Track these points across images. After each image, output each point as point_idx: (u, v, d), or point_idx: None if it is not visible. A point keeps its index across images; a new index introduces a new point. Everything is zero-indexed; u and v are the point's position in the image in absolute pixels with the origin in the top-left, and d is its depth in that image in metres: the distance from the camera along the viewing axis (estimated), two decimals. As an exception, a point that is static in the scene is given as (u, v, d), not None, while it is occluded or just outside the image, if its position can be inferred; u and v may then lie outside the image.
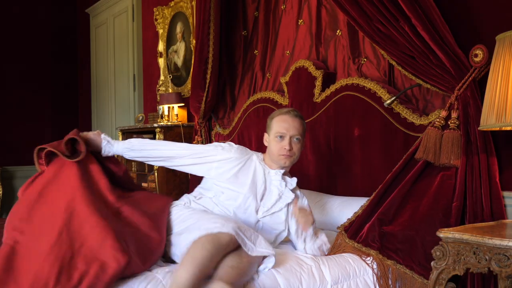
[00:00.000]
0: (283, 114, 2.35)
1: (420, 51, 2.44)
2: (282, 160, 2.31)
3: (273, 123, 2.35)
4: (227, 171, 2.31)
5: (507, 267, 1.76)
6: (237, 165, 2.32)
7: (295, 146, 2.31)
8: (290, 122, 2.31)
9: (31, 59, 7.06)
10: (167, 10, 5.07)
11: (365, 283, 2.22)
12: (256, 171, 2.34)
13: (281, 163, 2.33)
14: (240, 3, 4.07)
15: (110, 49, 6.39)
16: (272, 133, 2.34)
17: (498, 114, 1.88)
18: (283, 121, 2.32)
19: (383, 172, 2.80)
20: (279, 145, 2.30)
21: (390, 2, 2.48)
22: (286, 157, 2.30)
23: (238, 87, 4.12)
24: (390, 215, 2.37)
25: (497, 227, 2.02)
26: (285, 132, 2.29)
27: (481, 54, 2.26)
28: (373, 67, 3.00)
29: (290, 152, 2.29)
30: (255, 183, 2.32)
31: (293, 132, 2.30)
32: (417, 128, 2.63)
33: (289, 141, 2.28)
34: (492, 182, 2.28)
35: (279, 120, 2.33)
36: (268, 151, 2.38)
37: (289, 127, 2.30)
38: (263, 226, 2.34)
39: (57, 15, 7.29)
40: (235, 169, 2.31)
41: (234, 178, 2.31)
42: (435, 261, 1.99)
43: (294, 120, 2.32)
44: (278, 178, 2.35)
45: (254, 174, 2.33)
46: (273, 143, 2.33)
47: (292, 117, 2.33)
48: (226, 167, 2.32)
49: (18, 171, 6.95)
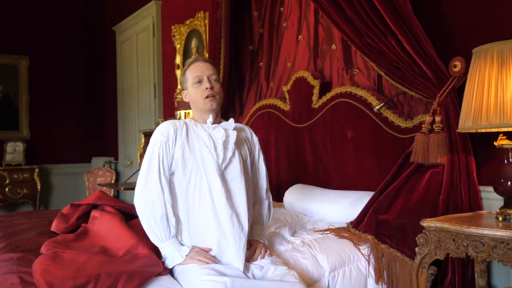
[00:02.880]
0: (192, 63, 2.06)
1: (405, 63, 2.44)
2: (209, 103, 1.98)
3: (187, 74, 2.05)
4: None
5: (483, 252, 1.76)
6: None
7: (215, 85, 2.01)
8: (202, 65, 2.02)
9: (65, 71, 7.12)
10: (183, 27, 5.08)
11: (358, 269, 2.21)
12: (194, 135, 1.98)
13: (208, 106, 1.98)
14: (247, 21, 4.08)
15: (134, 61, 6.41)
16: (190, 83, 2.02)
17: (474, 118, 1.88)
18: (196, 67, 2.02)
19: (373, 169, 2.82)
20: (200, 89, 1.99)
21: (378, 20, 2.48)
22: (211, 98, 1.97)
23: (246, 94, 4.13)
24: (385, 205, 2.37)
25: (474, 217, 2.02)
26: (201, 75, 1.99)
27: (460, 65, 2.26)
28: (364, 77, 3.00)
29: (212, 91, 1.98)
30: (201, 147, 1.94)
31: (209, 72, 2.00)
32: (403, 131, 2.63)
33: (208, 81, 1.98)
34: (470, 178, 2.28)
35: (192, 69, 2.03)
36: (193, 104, 2.05)
37: (203, 69, 2.01)
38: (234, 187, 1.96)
39: (88, 33, 7.35)
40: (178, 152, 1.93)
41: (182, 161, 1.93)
42: (419, 247, 1.99)
43: (205, 63, 2.04)
44: (212, 126, 1.99)
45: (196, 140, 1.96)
46: (194, 91, 2.01)
47: (202, 62, 2.04)
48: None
49: (53, 168, 7.01)
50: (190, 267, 1.80)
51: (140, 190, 1.88)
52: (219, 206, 1.87)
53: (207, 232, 1.88)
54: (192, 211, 1.91)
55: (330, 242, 2.27)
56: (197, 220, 1.90)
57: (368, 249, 2.28)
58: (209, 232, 1.88)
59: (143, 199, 1.87)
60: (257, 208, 2.14)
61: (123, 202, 2.65)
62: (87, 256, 1.82)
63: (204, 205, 1.90)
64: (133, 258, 1.82)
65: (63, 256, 1.82)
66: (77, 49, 7.24)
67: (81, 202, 2.63)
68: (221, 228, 1.86)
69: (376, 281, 2.21)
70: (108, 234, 2.14)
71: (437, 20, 2.53)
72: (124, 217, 2.33)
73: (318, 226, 2.62)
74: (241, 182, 1.96)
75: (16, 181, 6.39)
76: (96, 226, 2.29)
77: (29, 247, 2.15)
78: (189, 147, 1.93)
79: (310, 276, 2.05)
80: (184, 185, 1.91)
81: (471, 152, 2.30)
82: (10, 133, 6.69)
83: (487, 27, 2.32)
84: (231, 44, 3.99)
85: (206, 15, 4.60)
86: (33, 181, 6.54)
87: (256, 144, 2.16)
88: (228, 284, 1.68)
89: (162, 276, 1.79)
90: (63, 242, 2.05)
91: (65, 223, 2.50)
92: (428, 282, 2.01)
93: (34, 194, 6.55)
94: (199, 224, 1.90)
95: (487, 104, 1.84)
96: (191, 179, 1.91)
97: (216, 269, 1.77)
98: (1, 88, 6.66)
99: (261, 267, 1.89)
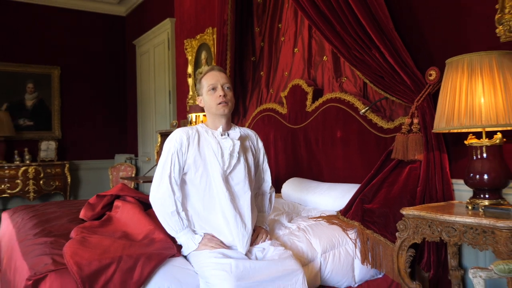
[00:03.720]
0: (208, 71, 2.01)
1: (387, 72, 2.43)
2: (221, 108, 1.94)
3: (203, 82, 2.00)
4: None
5: (454, 237, 1.76)
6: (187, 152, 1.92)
7: (228, 93, 1.97)
8: (217, 74, 1.98)
9: (92, 79, 7.13)
10: (194, 41, 5.08)
11: (346, 252, 2.21)
12: (206, 142, 1.95)
13: (220, 111, 1.95)
14: (250, 36, 4.07)
15: (151, 71, 6.41)
16: (205, 90, 1.98)
17: (447, 120, 1.88)
18: (211, 76, 1.98)
19: (359, 165, 2.81)
20: (214, 96, 1.95)
21: (364, 35, 2.48)
22: (224, 104, 1.94)
23: (249, 100, 4.12)
24: (370, 196, 2.36)
25: (447, 206, 2.01)
26: (216, 83, 1.95)
27: (434, 74, 2.25)
28: (351, 84, 2.99)
29: (225, 98, 1.94)
30: (210, 154, 1.92)
31: (223, 81, 1.97)
32: (385, 131, 2.63)
33: (222, 89, 1.95)
34: (444, 172, 2.27)
35: (207, 77, 1.99)
36: (207, 109, 2.01)
37: (218, 78, 1.97)
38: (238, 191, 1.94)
39: (112, 46, 7.36)
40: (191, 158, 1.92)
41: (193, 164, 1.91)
42: (399, 232, 1.99)
43: (219, 73, 1.99)
44: (221, 134, 1.98)
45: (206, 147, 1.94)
46: (208, 98, 1.97)
47: (217, 71, 2.00)
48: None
49: (81, 164, 7.01)
50: (201, 251, 1.81)
51: (154, 190, 1.89)
52: (224, 207, 1.88)
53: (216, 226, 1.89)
54: (202, 206, 1.91)
55: (322, 228, 2.27)
56: (207, 213, 1.91)
57: (355, 234, 2.28)
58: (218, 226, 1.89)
59: (157, 197, 1.88)
60: (260, 200, 2.16)
61: (142, 193, 2.66)
62: (110, 240, 1.82)
63: (213, 204, 1.91)
64: (150, 242, 1.83)
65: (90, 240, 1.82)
66: (102, 60, 7.24)
67: (105, 193, 2.64)
68: (228, 225, 1.87)
69: (362, 261, 2.21)
70: (129, 221, 2.14)
71: (415, 34, 2.52)
72: (143, 206, 2.34)
73: (312, 214, 2.62)
74: (245, 186, 1.95)
75: (49, 175, 6.40)
76: (119, 214, 2.29)
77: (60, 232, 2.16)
78: (199, 154, 1.92)
79: (305, 257, 2.05)
80: (195, 184, 1.92)
81: (444, 150, 2.30)
82: (44, 133, 6.70)
83: (459, 40, 2.32)
84: (235, 56, 3.99)
85: (214, 30, 4.60)
86: (64, 175, 6.55)
87: (261, 149, 2.16)
88: (233, 264, 1.69)
89: (176, 258, 1.80)
90: (90, 228, 2.06)
91: (92, 211, 2.50)
92: (407, 262, 2.01)
93: (65, 186, 6.56)
94: (209, 219, 1.90)
95: (458, 108, 1.83)
96: (201, 180, 1.91)
97: (223, 253, 1.78)
98: (37, 94, 6.67)
99: (262, 249, 1.90)
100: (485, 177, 1.83)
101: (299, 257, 2.01)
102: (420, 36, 2.50)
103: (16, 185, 6.14)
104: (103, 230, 2.05)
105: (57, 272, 1.58)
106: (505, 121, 1.75)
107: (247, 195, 1.94)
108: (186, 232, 1.86)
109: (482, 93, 1.78)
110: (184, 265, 1.78)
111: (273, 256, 1.84)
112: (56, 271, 1.58)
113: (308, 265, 2.05)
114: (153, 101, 6.37)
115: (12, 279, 1.80)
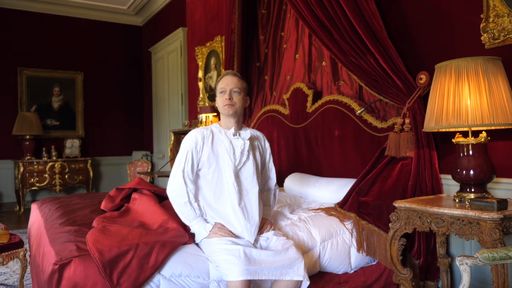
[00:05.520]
0: (223, 76, 2.02)
1: (381, 76, 2.42)
2: (226, 109, 1.96)
3: (217, 85, 2.03)
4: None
5: (443, 227, 1.75)
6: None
7: (235, 97, 1.97)
8: (228, 79, 1.99)
9: (112, 83, 7.16)
10: (205, 49, 5.08)
11: (343, 241, 2.20)
12: (218, 141, 1.97)
13: (225, 112, 1.97)
14: (255, 43, 4.07)
15: (165, 76, 6.42)
16: (217, 92, 2.02)
17: (436, 120, 1.86)
18: (223, 80, 2.00)
19: (355, 161, 2.80)
20: (222, 98, 1.97)
21: (360, 43, 2.47)
22: (229, 106, 1.95)
23: (254, 102, 4.12)
24: (365, 190, 2.35)
25: (436, 199, 2.00)
26: (225, 87, 1.97)
27: (424, 78, 2.24)
28: (348, 88, 2.98)
29: (231, 101, 1.95)
30: (223, 151, 1.95)
31: (232, 86, 1.97)
32: (379, 130, 2.62)
33: (229, 93, 1.95)
34: (433, 168, 2.26)
35: (220, 81, 2.01)
36: (219, 109, 2.04)
37: (228, 83, 1.97)
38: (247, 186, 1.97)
39: (130, 53, 7.38)
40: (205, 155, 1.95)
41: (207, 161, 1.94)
42: (391, 223, 1.98)
43: (232, 78, 1.99)
44: (232, 134, 2.00)
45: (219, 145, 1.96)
46: (219, 99, 2.00)
47: (230, 76, 2.00)
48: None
49: (102, 160, 7.06)
50: (211, 238, 1.82)
51: (170, 183, 1.94)
52: (233, 200, 1.90)
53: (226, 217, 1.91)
54: (213, 198, 1.93)
55: (321, 219, 2.27)
56: (218, 205, 1.92)
57: (351, 224, 2.27)
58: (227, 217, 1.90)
59: (172, 189, 1.92)
60: (266, 194, 2.18)
61: (157, 187, 2.67)
62: (128, 229, 1.83)
63: (223, 197, 1.93)
64: (165, 230, 1.83)
65: (110, 229, 1.83)
66: (121, 65, 7.27)
67: (124, 187, 2.65)
68: (236, 216, 1.88)
69: (357, 250, 2.20)
70: (145, 211, 2.15)
71: (407, 41, 2.50)
72: (158, 199, 2.35)
73: (312, 206, 2.61)
74: (253, 181, 1.98)
75: (73, 170, 6.45)
76: (136, 205, 2.30)
77: (84, 222, 2.17)
78: (213, 152, 1.95)
79: (305, 245, 2.05)
80: (208, 179, 1.95)
81: (433, 147, 2.28)
82: (69, 132, 6.75)
83: (447, 47, 2.30)
84: (242, 62, 3.99)
85: (223, 38, 4.60)
86: (87, 170, 6.60)
87: (268, 149, 2.18)
88: (241, 250, 1.70)
89: (188, 245, 1.81)
90: (110, 218, 2.07)
91: (112, 203, 2.51)
92: (399, 250, 2.00)
93: (87, 180, 6.60)
94: (220, 210, 1.92)
95: (447, 109, 1.82)
96: (213, 175, 1.94)
97: (232, 240, 1.79)
98: (62, 97, 6.73)
99: (266, 239, 1.91)
100: (471, 173, 1.82)
101: (300, 245, 2.01)
102: (411, 43, 2.48)
103: (44, 179, 6.19)
104: (122, 220, 2.06)
105: (81, 257, 1.60)
106: (490, 121, 1.73)
107: (255, 189, 1.97)
108: (199, 220, 1.87)
109: (468, 95, 1.77)
110: (195, 251, 1.79)
111: (276, 245, 1.85)
112: (80, 256, 1.60)
113: (308, 253, 2.05)
114: (167, 103, 6.38)
115: (40, 264, 1.81)
